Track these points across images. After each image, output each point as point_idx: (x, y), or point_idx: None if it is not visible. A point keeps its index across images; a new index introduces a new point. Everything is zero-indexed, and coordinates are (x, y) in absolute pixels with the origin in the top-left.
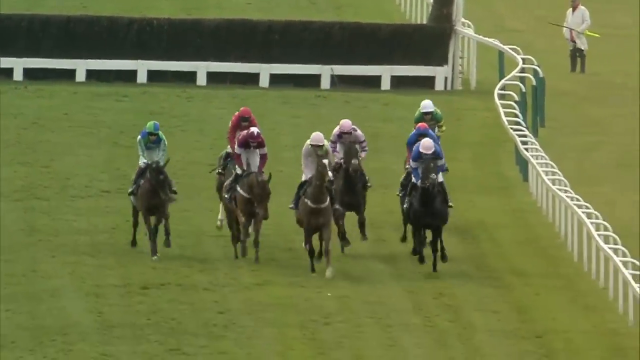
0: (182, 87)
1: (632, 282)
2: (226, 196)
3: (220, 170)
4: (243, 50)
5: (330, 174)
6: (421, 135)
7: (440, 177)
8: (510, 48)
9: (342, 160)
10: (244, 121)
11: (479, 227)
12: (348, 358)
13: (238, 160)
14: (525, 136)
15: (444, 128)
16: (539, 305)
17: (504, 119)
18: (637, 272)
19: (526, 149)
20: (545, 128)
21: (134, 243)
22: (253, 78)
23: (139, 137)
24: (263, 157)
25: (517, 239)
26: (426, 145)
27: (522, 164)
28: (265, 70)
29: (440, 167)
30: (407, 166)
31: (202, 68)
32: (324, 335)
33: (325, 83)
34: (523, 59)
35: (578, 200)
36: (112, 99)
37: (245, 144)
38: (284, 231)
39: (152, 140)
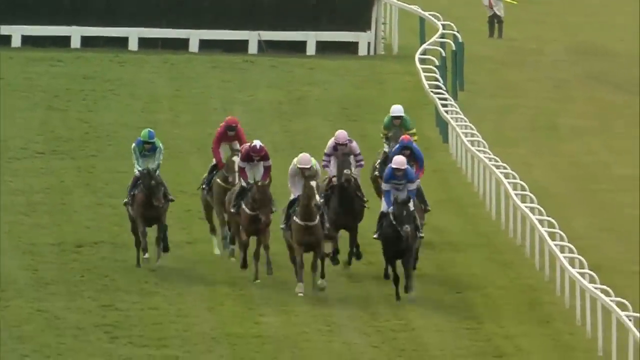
0: (115, 52)
1: (548, 240)
2: (232, 210)
3: (204, 186)
4: (174, 16)
5: (317, 197)
6: (405, 148)
7: (412, 206)
8: (430, 14)
9: (334, 177)
10: (230, 130)
11: None
12: (276, 313)
13: (243, 174)
14: (445, 99)
15: (415, 138)
16: (458, 262)
17: (425, 82)
18: (553, 230)
19: (446, 112)
20: (464, 91)
21: (138, 263)
22: (183, 43)
23: (134, 144)
24: (267, 169)
25: (437, 198)
26: (398, 161)
27: (442, 125)
28: (195, 36)
29: (411, 192)
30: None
31: (133, 34)
32: (253, 291)
33: (253, 48)
34: (443, 25)
35: (496, 160)
36: (47, 63)
37: (249, 157)
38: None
39: (147, 149)
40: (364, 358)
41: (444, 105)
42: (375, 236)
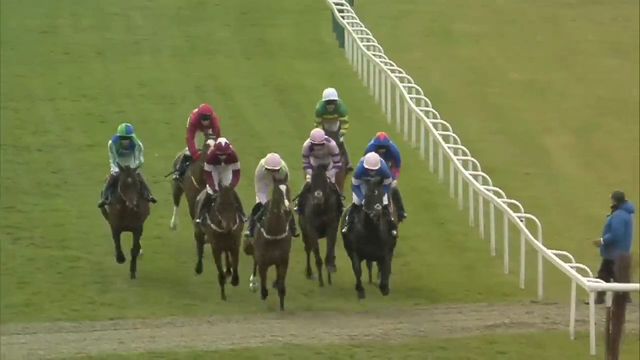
0: None
1: (442, 143)
2: (197, 220)
3: (176, 176)
4: None
5: (287, 202)
6: (380, 147)
7: (385, 200)
8: None
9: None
10: (204, 119)
11: (298, 91)
12: (177, 214)
13: (209, 179)
14: (341, 4)
15: (347, 125)
16: (352, 164)
17: None
18: (447, 133)
19: (342, 17)
20: None
21: (120, 258)
22: None
23: (110, 141)
24: (236, 174)
25: None
26: (371, 160)
27: (339, 30)
28: None
29: (385, 187)
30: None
31: None
32: (155, 194)
33: None
34: None
35: (391, 65)
36: None
37: (215, 159)
38: None
39: (124, 146)
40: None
41: (340, 11)
42: (344, 230)
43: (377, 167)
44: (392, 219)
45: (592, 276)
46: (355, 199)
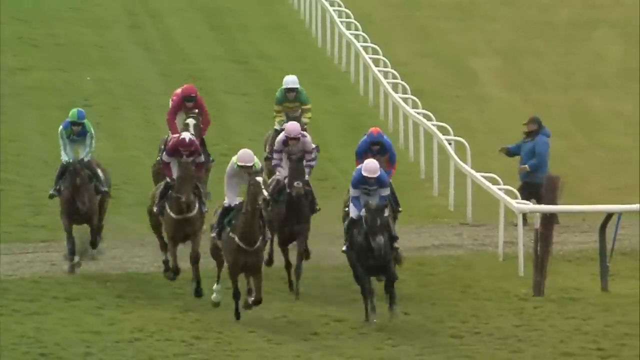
0: None
1: (372, 66)
2: (155, 209)
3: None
4: None
5: (265, 192)
6: (374, 143)
7: (386, 212)
8: None
9: (285, 180)
10: (188, 101)
11: (227, 14)
12: (108, 137)
13: (167, 170)
14: None
15: (309, 114)
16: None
17: None
18: (377, 57)
19: None
20: None
21: (71, 268)
22: None
23: (61, 127)
24: (200, 166)
25: (264, 25)
26: (370, 168)
27: None
28: None
29: (383, 197)
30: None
31: None
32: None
33: None
34: None
35: None
36: None
37: (176, 152)
38: None
39: (76, 132)
40: None
41: None
42: (344, 249)
43: (376, 175)
44: (392, 225)
45: (520, 198)
46: (353, 212)
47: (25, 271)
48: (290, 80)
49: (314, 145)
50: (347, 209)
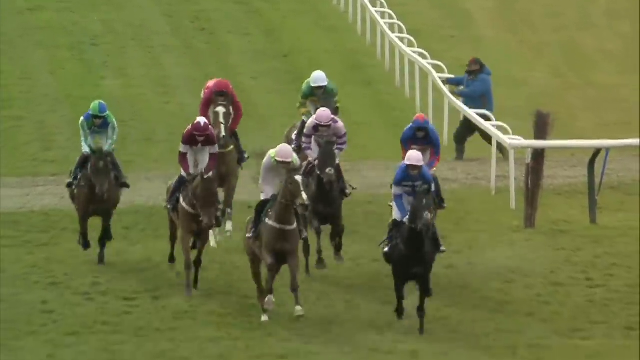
0: None
1: (369, 6)
2: (168, 206)
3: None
4: None
5: (304, 196)
6: (419, 129)
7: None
8: None
9: (316, 163)
10: (219, 95)
11: None
12: (115, 76)
13: (183, 162)
14: None
15: (338, 105)
16: (285, 27)
17: None
18: None
19: None
20: None
21: (85, 244)
22: None
23: (82, 119)
24: (213, 157)
25: None
26: (413, 156)
27: None
28: None
29: (428, 181)
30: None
31: None
32: (91, 55)
33: None
34: None
35: None
36: None
37: (192, 139)
38: None
39: (97, 124)
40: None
41: None
42: (385, 250)
43: (420, 164)
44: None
45: (512, 134)
46: (396, 214)
47: (36, 204)
48: (319, 78)
49: (345, 130)
50: (391, 204)
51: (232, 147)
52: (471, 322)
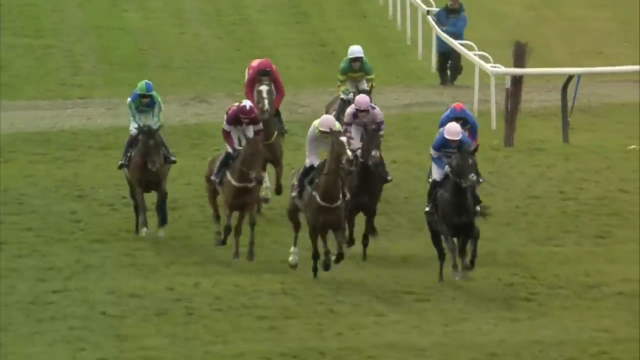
0: None
1: None
2: (215, 179)
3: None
4: None
5: (349, 152)
6: (457, 118)
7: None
8: None
9: (358, 151)
10: (263, 75)
11: None
12: (136, 8)
13: (229, 139)
14: None
15: (373, 84)
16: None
17: None
18: None
19: None
20: None
21: (137, 231)
22: None
23: (129, 99)
24: (258, 133)
25: None
26: (452, 130)
27: None
28: None
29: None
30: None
31: None
32: None
33: None
34: None
35: None
36: None
37: (236, 120)
38: None
39: (144, 104)
40: (209, 47)
41: None
42: (427, 209)
43: (459, 138)
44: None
45: (493, 62)
46: (435, 173)
47: (65, 124)
48: (356, 50)
49: (382, 117)
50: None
51: (275, 133)
52: None
